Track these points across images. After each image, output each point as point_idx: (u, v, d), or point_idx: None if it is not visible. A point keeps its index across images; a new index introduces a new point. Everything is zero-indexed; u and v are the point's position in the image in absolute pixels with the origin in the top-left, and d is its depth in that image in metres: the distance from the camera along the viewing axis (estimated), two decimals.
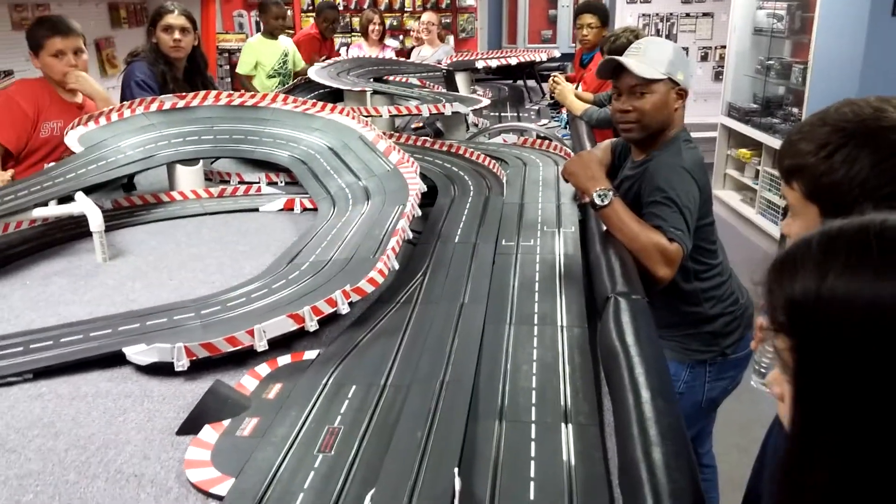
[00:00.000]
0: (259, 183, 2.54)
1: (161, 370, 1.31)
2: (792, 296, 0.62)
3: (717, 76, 7.09)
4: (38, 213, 1.90)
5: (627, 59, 1.82)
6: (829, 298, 0.59)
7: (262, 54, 5.15)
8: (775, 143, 5.04)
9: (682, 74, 1.83)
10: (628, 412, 1.02)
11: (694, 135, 2.02)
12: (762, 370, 1.04)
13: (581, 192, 1.81)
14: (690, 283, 1.89)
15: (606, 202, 1.71)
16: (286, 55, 5.21)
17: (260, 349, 1.36)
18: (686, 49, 7.26)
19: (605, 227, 1.75)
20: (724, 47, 6.35)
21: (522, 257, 1.75)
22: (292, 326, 1.40)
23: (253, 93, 2.84)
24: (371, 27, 5.66)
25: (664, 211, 1.70)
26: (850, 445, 0.58)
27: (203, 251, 1.94)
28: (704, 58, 7.38)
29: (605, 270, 1.54)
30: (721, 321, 1.91)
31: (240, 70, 5.23)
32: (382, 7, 7.67)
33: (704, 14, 7.28)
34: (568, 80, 3.75)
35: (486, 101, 3.10)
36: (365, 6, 7.46)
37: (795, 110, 4.91)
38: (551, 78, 3.69)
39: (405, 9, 7.59)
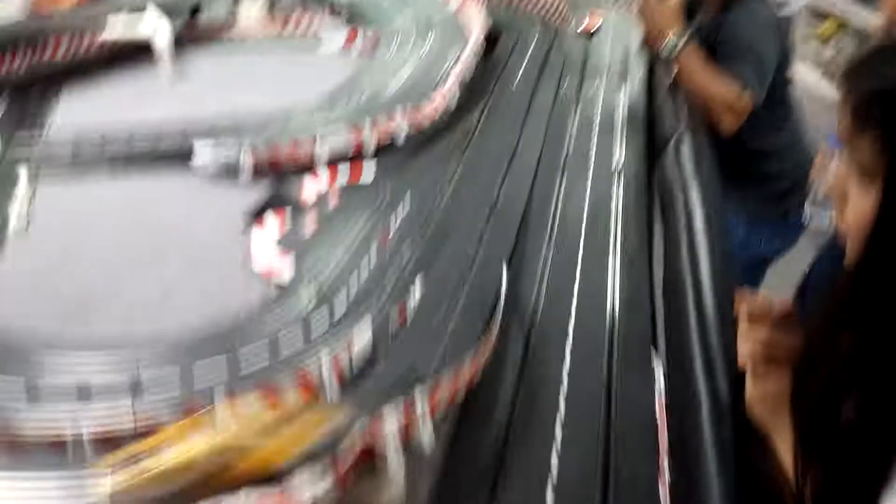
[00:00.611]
0: (321, 15, 2.50)
1: (225, 177, 1.37)
2: (880, 84, 0.59)
3: None
4: (111, 31, 1.92)
5: None
6: None
7: None
8: (861, 13, 4.72)
9: None
10: (679, 230, 1.03)
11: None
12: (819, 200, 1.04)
13: (653, 37, 1.75)
14: (759, 138, 1.83)
15: (679, 46, 1.65)
16: None
17: (320, 163, 1.40)
18: None
19: (674, 74, 1.70)
20: None
21: (584, 100, 1.73)
22: (353, 142, 1.43)
23: None
24: None
25: (737, 62, 1.63)
26: None
27: (265, 79, 1.96)
28: None
29: (670, 113, 1.51)
30: (786, 180, 1.86)
31: None
32: None
33: None
34: None
35: None
36: None
37: None
38: None
39: None
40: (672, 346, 0.89)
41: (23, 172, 1.32)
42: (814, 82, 5.51)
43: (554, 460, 0.81)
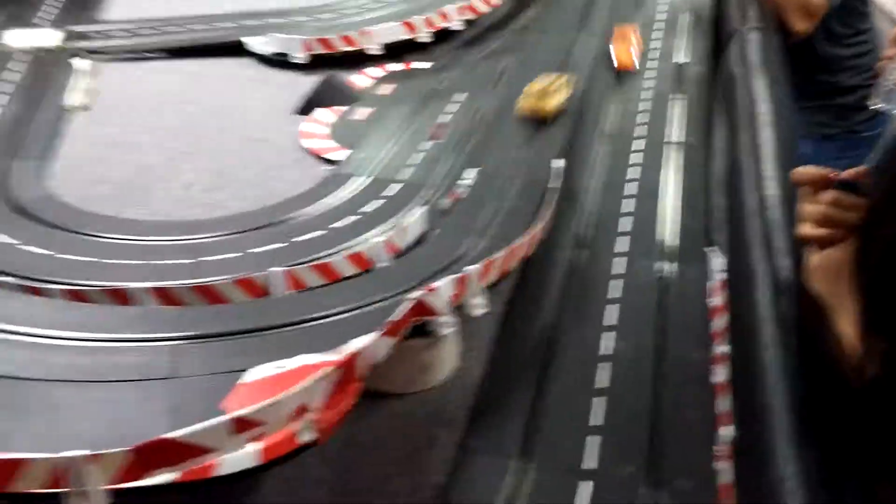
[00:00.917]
0: None
1: (279, 62, 1.36)
2: None
3: None
4: None
5: None
6: None
7: None
8: None
9: None
10: (741, 122, 1.00)
11: None
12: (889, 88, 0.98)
13: None
14: (833, 47, 1.73)
15: None
16: None
17: (372, 52, 1.38)
18: None
19: None
20: None
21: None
22: (406, 34, 1.41)
23: None
24: None
25: None
26: None
27: None
28: None
29: (738, 10, 1.44)
30: (858, 94, 1.77)
31: None
32: None
33: None
34: None
35: None
36: None
37: None
38: None
39: None
40: (731, 233, 0.87)
41: (84, 59, 1.33)
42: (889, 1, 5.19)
43: (605, 342, 0.82)
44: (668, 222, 0.99)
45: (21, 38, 1.36)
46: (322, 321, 0.71)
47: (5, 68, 1.27)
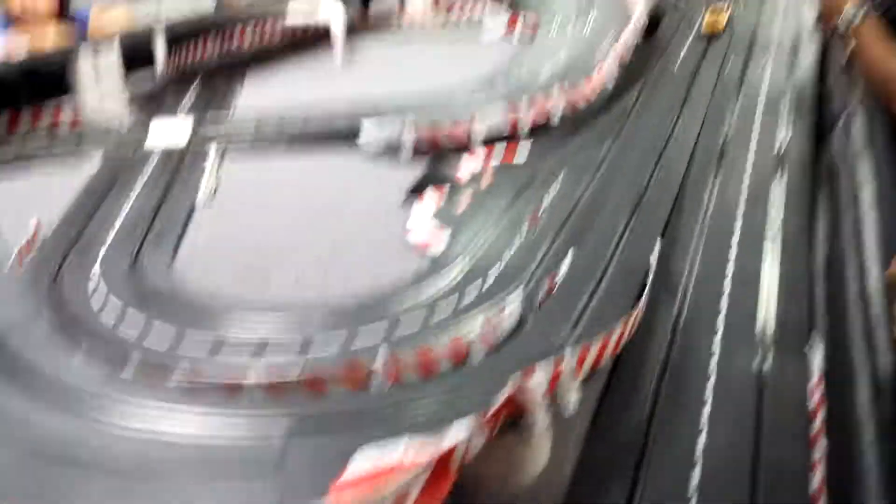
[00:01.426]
0: (483, 3, 2.57)
1: (387, 157, 1.45)
2: None
3: None
4: (292, 18, 2.09)
5: None
6: None
7: None
8: None
9: None
10: (844, 210, 0.99)
11: None
12: None
13: (829, 11, 1.64)
14: None
15: (857, 21, 1.54)
16: None
17: (476, 142, 1.45)
18: None
19: (850, 50, 1.59)
20: None
21: (749, 79, 1.66)
22: (509, 122, 1.48)
23: None
24: None
25: None
26: None
27: (430, 64, 2.06)
28: None
29: (842, 91, 1.43)
30: None
31: None
32: None
33: None
34: None
35: None
36: None
37: None
38: None
39: None
40: (832, 328, 0.86)
41: (211, 149, 1.48)
42: None
43: (700, 441, 0.81)
44: (768, 312, 0.98)
45: (156, 133, 1.52)
46: (420, 412, 0.76)
47: (141, 161, 1.42)
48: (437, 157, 1.43)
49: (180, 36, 1.88)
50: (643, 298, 0.92)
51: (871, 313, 0.77)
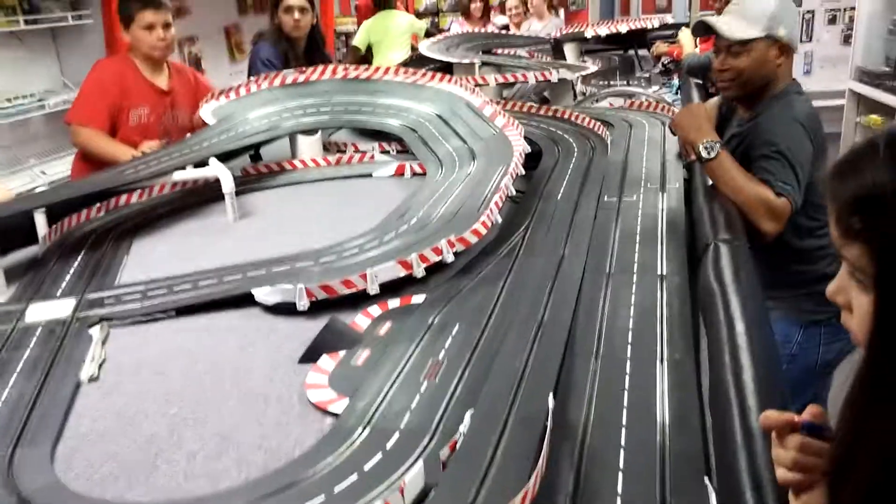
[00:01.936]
0: (372, 151, 2.67)
1: (284, 310, 1.44)
2: (861, 190, 0.61)
3: (846, 40, 6.63)
4: (178, 176, 2.10)
5: (719, 20, 1.80)
6: None
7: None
8: None
9: (785, 29, 1.75)
10: (721, 340, 1.04)
11: (820, 103, 1.96)
12: None
13: (688, 145, 1.80)
14: (804, 240, 1.83)
15: (713, 154, 1.70)
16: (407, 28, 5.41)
17: (372, 292, 1.46)
18: (811, 13, 6.83)
19: (710, 182, 1.74)
20: (853, 9, 5.93)
21: (624, 212, 1.77)
22: (401, 272, 1.50)
23: (367, 66, 2.97)
24: (473, 5, 5.74)
25: (773, 165, 1.66)
26: None
27: (321, 212, 2.09)
28: (832, 20, 6.91)
29: (708, 220, 1.54)
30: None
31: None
32: None
33: None
34: None
35: (592, 68, 3.09)
36: None
37: None
38: (657, 43, 3.65)
39: None
40: (721, 466, 0.88)
41: (96, 321, 1.42)
42: None
43: None
44: (664, 449, 0.99)
45: (37, 312, 1.45)
46: None
47: (19, 345, 1.34)
48: (333, 310, 1.42)
49: (62, 205, 1.85)
50: (543, 452, 0.92)
51: (756, 451, 0.80)
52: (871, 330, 0.62)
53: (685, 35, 3.61)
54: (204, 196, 2.21)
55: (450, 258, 1.56)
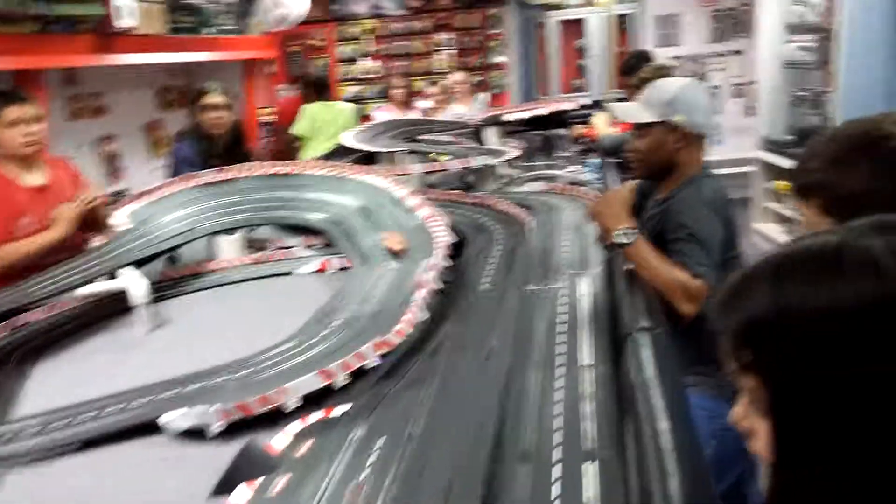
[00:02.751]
0: (296, 247, 2.62)
1: (198, 433, 1.36)
2: (747, 321, 0.62)
3: (750, 111, 7.04)
4: (81, 291, 2.00)
5: (619, 105, 1.90)
6: (787, 311, 0.59)
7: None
8: None
9: (683, 116, 1.84)
10: (646, 445, 1.01)
11: (730, 170, 2.04)
12: None
13: (605, 232, 1.83)
14: None
15: (630, 240, 1.72)
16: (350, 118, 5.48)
17: (291, 407, 1.39)
18: (717, 87, 7.25)
19: (629, 266, 1.76)
20: (755, 82, 6.32)
21: (548, 301, 1.76)
22: (322, 383, 1.44)
23: (288, 161, 2.96)
24: (394, 91, 5.88)
25: (687, 247, 1.70)
26: (839, 470, 0.57)
27: (242, 316, 2.02)
28: (737, 94, 7.35)
29: (629, 306, 1.54)
30: None
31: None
32: (417, 71, 7.90)
33: (734, 52, 7.29)
34: None
35: (514, 153, 3.16)
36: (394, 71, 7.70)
37: None
38: (575, 125, 3.79)
39: (438, 71, 7.80)
40: None
41: None
42: (775, 236, 5.70)
43: None
44: None
45: None
46: None
47: None
48: (249, 432, 1.34)
49: None
50: None
51: None
52: (771, 456, 0.62)
53: (600, 119, 3.75)
54: (115, 307, 2.11)
55: (373, 363, 1.51)
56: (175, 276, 2.43)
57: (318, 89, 5.64)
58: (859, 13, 3.51)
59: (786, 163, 5.37)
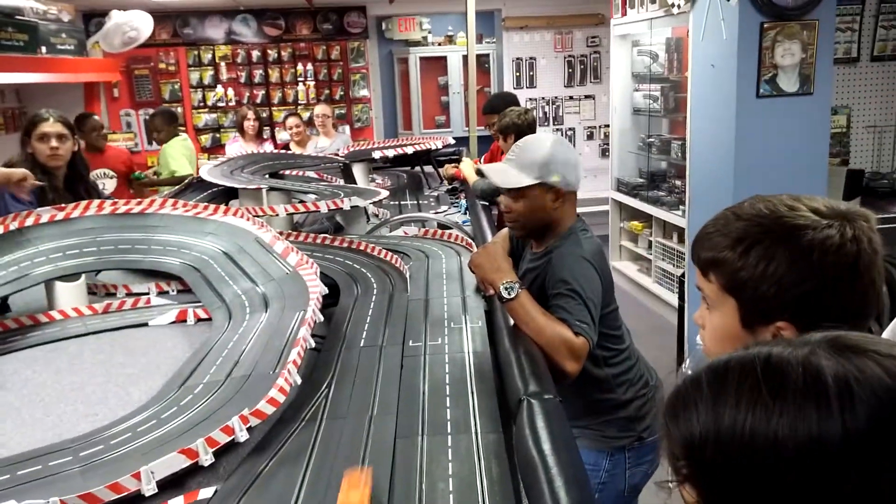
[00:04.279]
0: (148, 294, 2.39)
1: None
2: (686, 437, 0.60)
3: (604, 153, 7.45)
4: None
5: (494, 168, 1.93)
6: (727, 441, 0.57)
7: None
8: (663, 214, 5.28)
9: (559, 176, 1.86)
10: None
11: (587, 209, 2.08)
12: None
13: (487, 285, 1.79)
14: (602, 369, 1.89)
15: (513, 295, 1.70)
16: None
17: (148, 493, 1.23)
18: (572, 129, 7.63)
19: (512, 321, 1.73)
20: (607, 126, 6.69)
21: (431, 358, 1.69)
22: (185, 463, 1.28)
23: (139, 199, 2.71)
24: (246, 123, 5.69)
25: (569, 303, 1.70)
26: None
27: (85, 378, 1.78)
28: (590, 136, 7.76)
29: (516, 368, 1.50)
30: (634, 405, 1.92)
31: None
32: (276, 101, 7.68)
33: (587, 96, 7.70)
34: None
35: (384, 193, 3.09)
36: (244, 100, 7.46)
37: (678, 183, 5.17)
38: (446, 166, 3.79)
39: (298, 102, 7.62)
40: None
41: None
42: (630, 274, 6.03)
43: None
44: None
45: None
46: None
47: None
48: None
49: None
50: None
51: None
52: None
53: (466, 165, 3.76)
54: None
55: (243, 437, 1.37)
56: (4, 329, 2.13)
57: (173, 122, 5.30)
58: (704, 66, 3.78)
59: (638, 204, 5.69)
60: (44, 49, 4.72)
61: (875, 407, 0.53)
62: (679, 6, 3.82)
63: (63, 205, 2.51)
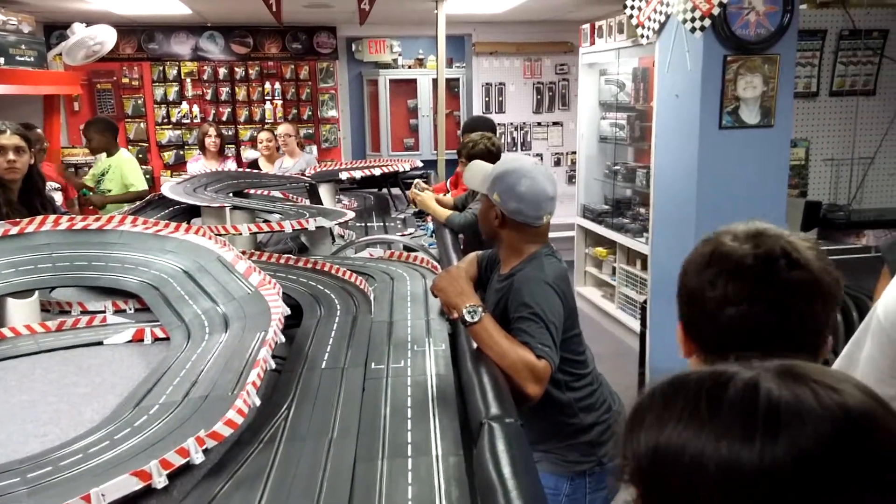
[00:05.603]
0: (104, 312, 2.34)
1: None
2: (637, 448, 0.60)
3: (571, 179, 7.54)
4: None
5: (478, 163, 2.11)
6: (663, 452, 0.58)
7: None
8: (627, 241, 5.35)
9: (498, 199, 1.92)
10: None
11: (554, 234, 2.09)
12: None
13: (450, 308, 1.79)
14: (564, 392, 1.89)
15: (476, 319, 1.69)
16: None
17: None
18: (540, 155, 7.70)
19: (475, 344, 1.72)
20: (574, 153, 6.78)
21: (393, 381, 1.68)
22: (137, 485, 1.24)
23: (98, 215, 2.66)
24: (208, 140, 5.64)
25: (531, 327, 1.70)
26: None
27: (36, 397, 1.73)
28: (558, 163, 7.84)
29: (478, 391, 1.50)
30: (597, 430, 1.92)
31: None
32: (242, 119, 7.63)
33: (554, 123, 7.80)
34: (435, 190, 3.86)
35: (350, 215, 3.07)
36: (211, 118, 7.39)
37: (643, 210, 5.25)
38: (413, 186, 3.78)
39: (266, 120, 7.58)
40: None
41: None
42: (595, 299, 6.08)
43: None
44: None
45: None
46: None
47: None
48: None
49: None
50: None
51: None
52: None
53: (428, 197, 3.74)
54: None
55: (199, 458, 1.33)
56: None
57: (108, 132, 5.12)
58: (668, 96, 3.86)
59: (603, 230, 5.75)
60: (2, 60, 4.63)
61: (797, 437, 0.53)
62: (647, 37, 3.90)
63: (17, 219, 2.44)
